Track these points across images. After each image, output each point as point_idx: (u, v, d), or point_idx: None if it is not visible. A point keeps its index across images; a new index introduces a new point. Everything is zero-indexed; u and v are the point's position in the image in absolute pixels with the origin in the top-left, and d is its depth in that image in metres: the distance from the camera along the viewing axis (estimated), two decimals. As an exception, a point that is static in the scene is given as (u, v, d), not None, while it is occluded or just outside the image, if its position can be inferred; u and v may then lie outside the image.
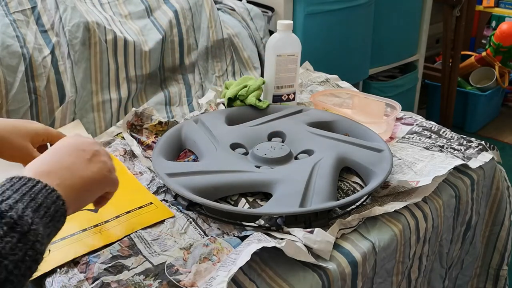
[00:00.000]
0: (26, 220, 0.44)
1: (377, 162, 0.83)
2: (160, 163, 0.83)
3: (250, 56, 1.39)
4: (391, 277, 0.76)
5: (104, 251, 0.66)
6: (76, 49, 1.11)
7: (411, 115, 1.09)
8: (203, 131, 0.94)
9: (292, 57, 1.09)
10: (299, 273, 0.64)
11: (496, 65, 2.51)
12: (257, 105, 1.04)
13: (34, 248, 0.44)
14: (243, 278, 0.63)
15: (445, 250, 0.86)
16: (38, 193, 0.47)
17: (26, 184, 0.48)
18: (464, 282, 0.98)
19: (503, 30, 2.42)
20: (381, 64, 2.03)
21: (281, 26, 1.07)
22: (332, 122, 0.99)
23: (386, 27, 1.93)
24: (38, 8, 1.16)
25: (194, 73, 1.32)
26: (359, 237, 0.72)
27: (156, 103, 1.22)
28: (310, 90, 1.25)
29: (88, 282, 0.62)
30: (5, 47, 1.06)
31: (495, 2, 2.66)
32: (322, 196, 0.74)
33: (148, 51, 1.21)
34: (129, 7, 1.29)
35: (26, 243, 0.43)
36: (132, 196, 0.79)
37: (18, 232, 0.42)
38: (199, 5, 1.33)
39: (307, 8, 1.55)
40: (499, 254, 0.99)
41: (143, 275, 0.63)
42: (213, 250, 0.66)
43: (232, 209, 0.74)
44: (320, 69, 1.38)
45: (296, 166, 0.84)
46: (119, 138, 0.99)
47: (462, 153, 0.91)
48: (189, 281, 0.61)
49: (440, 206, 0.82)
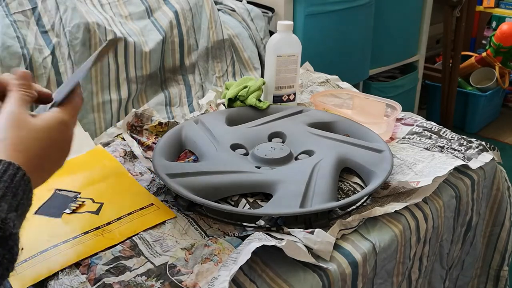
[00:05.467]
0: (9, 224, 0.43)
1: (378, 163, 0.83)
2: (160, 163, 0.83)
3: (250, 56, 1.39)
4: (392, 278, 0.76)
5: (106, 253, 0.66)
6: (77, 49, 1.11)
7: (412, 116, 1.09)
8: (204, 131, 0.94)
9: (293, 58, 1.09)
10: (299, 274, 0.64)
11: (497, 66, 2.51)
12: (258, 106, 1.04)
13: (12, 252, 0.43)
14: (244, 279, 0.63)
15: (446, 250, 0.87)
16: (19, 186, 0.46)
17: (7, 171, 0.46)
18: (464, 283, 0.98)
19: (503, 30, 2.43)
20: (382, 65, 2.03)
21: (281, 26, 1.07)
22: (332, 123, 0.99)
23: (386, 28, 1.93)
24: (39, 9, 1.17)
25: (194, 73, 1.32)
26: (360, 238, 0.72)
27: (156, 104, 1.22)
28: (310, 91, 1.25)
29: (90, 283, 0.62)
30: (5, 47, 1.06)
31: (495, 2, 2.66)
32: (322, 196, 0.74)
33: (148, 52, 1.21)
34: (129, 8, 1.29)
35: (5, 248, 0.42)
36: (133, 197, 0.79)
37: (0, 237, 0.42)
38: (200, 5, 1.34)
39: (308, 8, 1.55)
40: (499, 255, 0.99)
41: (145, 276, 0.63)
42: (214, 250, 0.66)
43: (233, 210, 0.74)
44: (321, 69, 1.38)
45: (296, 167, 0.84)
46: (119, 139, 0.99)
47: (462, 154, 0.91)
48: (191, 282, 0.62)
49: (440, 207, 0.82)
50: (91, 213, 0.75)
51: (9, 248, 0.43)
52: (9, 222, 0.43)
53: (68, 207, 0.75)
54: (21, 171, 0.47)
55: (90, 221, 0.73)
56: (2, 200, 0.44)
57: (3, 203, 0.44)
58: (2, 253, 0.42)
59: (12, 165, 0.47)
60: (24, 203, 0.47)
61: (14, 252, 0.44)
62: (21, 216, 0.47)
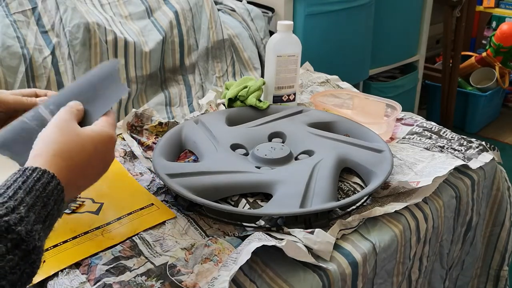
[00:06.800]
0: (34, 236, 0.41)
1: (378, 163, 0.83)
2: (160, 163, 0.83)
3: (250, 56, 1.39)
4: (392, 278, 0.76)
5: (106, 253, 0.66)
6: (77, 49, 1.11)
7: (412, 116, 1.09)
8: (204, 131, 0.94)
9: (293, 58, 1.09)
10: (299, 274, 0.64)
11: (497, 66, 2.51)
12: (258, 106, 1.04)
13: (33, 266, 0.41)
14: (244, 279, 0.63)
15: (446, 250, 0.87)
16: (51, 196, 0.44)
17: (40, 180, 0.44)
18: (464, 283, 0.98)
19: (503, 30, 2.43)
20: (382, 65, 2.03)
21: (282, 26, 1.07)
22: (332, 123, 0.99)
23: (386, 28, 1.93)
24: (39, 9, 1.17)
25: (194, 73, 1.32)
26: (360, 238, 0.72)
27: (157, 104, 1.22)
28: (310, 91, 1.25)
29: (90, 283, 0.62)
30: (5, 47, 1.06)
31: (495, 2, 2.66)
32: (322, 196, 0.74)
33: (148, 52, 1.21)
34: (129, 8, 1.29)
35: (27, 261, 0.40)
36: (133, 197, 0.79)
37: (22, 250, 0.40)
38: (200, 5, 1.34)
39: (308, 8, 1.55)
40: (499, 255, 0.99)
41: (145, 276, 0.63)
42: (214, 250, 0.66)
43: (233, 210, 0.74)
44: (321, 69, 1.38)
45: (296, 167, 0.84)
46: (119, 139, 0.99)
47: (462, 154, 0.91)
48: (191, 282, 0.61)
49: (440, 207, 0.82)
50: (91, 213, 0.75)
51: (31, 262, 0.41)
52: (35, 234, 0.41)
53: (68, 207, 0.75)
54: (55, 180, 0.46)
55: (90, 221, 0.73)
56: (31, 210, 0.42)
57: (31, 213, 0.42)
58: (23, 267, 0.40)
59: (47, 173, 0.46)
60: (54, 214, 0.46)
61: (36, 266, 0.42)
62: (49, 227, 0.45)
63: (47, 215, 0.44)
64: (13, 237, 0.39)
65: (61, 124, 0.52)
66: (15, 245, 0.39)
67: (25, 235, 0.40)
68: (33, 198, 0.43)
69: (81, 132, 0.53)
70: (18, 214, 0.40)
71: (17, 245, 0.39)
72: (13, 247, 0.39)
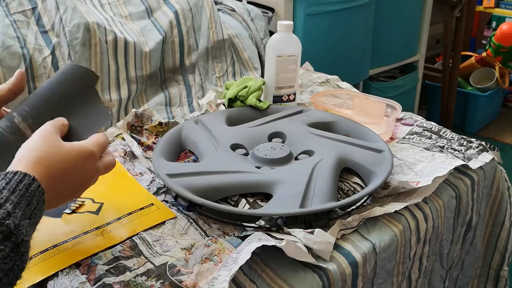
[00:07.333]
0: (21, 230, 0.43)
1: (378, 163, 0.83)
2: (160, 163, 0.83)
3: (250, 56, 1.39)
4: (392, 278, 0.76)
5: (106, 253, 0.66)
6: (77, 49, 1.11)
7: (412, 116, 1.09)
8: (204, 131, 0.94)
9: (293, 58, 1.09)
10: (299, 274, 0.64)
11: (497, 66, 2.51)
12: (258, 106, 1.04)
13: (23, 259, 0.44)
14: (244, 279, 0.63)
15: (446, 250, 0.87)
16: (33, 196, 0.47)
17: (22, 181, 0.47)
18: (464, 283, 0.98)
19: (503, 30, 2.43)
20: (382, 65, 2.03)
21: (282, 26, 1.07)
22: (332, 123, 0.99)
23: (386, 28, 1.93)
24: (39, 9, 1.17)
25: (194, 73, 1.32)
26: (360, 238, 0.72)
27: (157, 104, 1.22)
28: (310, 91, 1.25)
29: (90, 283, 0.62)
30: (5, 47, 1.06)
31: (495, 2, 2.66)
32: (322, 196, 0.74)
33: (148, 52, 1.21)
34: (129, 8, 1.29)
35: (17, 254, 0.43)
36: (133, 198, 0.79)
37: (12, 242, 0.42)
38: (200, 5, 1.34)
39: (308, 8, 1.55)
40: (499, 255, 0.99)
41: (145, 276, 0.63)
42: (214, 250, 0.66)
43: (233, 210, 0.74)
44: (321, 69, 1.38)
45: (296, 167, 0.84)
46: (119, 139, 0.99)
47: (462, 154, 0.91)
48: (191, 282, 0.62)
49: (440, 207, 0.82)
50: (91, 213, 0.75)
51: (20, 254, 0.43)
52: (22, 229, 0.43)
53: (68, 207, 0.75)
54: (36, 182, 0.49)
55: (90, 221, 0.73)
56: (17, 207, 0.45)
57: (17, 210, 0.44)
58: (14, 259, 0.42)
59: (28, 176, 0.48)
60: (37, 214, 0.48)
61: (24, 259, 0.44)
62: (33, 225, 0.48)
63: (31, 213, 0.47)
64: (3, 230, 0.42)
65: (45, 135, 0.56)
66: (5, 237, 0.42)
67: (14, 228, 0.43)
68: (17, 197, 0.45)
69: (63, 145, 0.56)
70: (5, 209, 0.43)
71: (7, 237, 0.42)
72: (3, 238, 0.41)
